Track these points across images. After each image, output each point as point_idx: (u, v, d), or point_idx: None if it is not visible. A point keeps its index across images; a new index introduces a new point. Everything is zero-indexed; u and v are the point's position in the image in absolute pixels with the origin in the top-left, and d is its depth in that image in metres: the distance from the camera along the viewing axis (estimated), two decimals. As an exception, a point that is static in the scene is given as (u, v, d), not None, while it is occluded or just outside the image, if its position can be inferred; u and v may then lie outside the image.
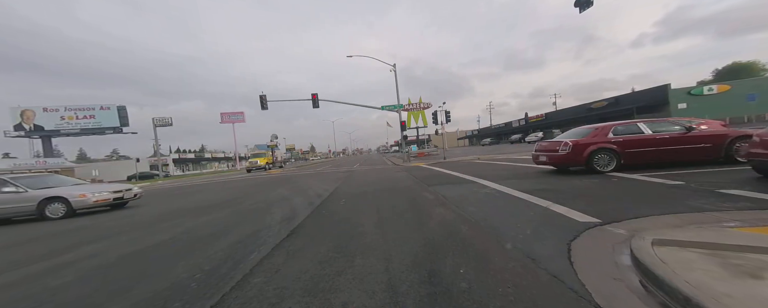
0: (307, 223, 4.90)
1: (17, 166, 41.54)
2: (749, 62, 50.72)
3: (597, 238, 3.08)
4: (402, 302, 2.12)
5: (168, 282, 2.88)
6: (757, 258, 2.12)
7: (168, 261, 3.60)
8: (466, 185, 7.46)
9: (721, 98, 29.24)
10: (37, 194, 7.63)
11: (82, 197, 7.63)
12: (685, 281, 1.86)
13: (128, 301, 2.54)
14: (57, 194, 7.66)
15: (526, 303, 1.99)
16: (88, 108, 46.99)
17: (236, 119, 57.96)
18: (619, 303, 1.93)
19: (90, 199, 7.74)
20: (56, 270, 3.63)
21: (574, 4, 12.63)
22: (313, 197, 7.90)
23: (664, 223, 3.32)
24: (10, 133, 43.57)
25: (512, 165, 11.51)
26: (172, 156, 68.58)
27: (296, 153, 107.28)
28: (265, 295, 2.41)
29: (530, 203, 4.82)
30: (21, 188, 7.75)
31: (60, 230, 6.39)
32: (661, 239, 2.53)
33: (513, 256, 2.78)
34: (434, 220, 4.33)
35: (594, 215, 3.77)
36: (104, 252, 4.27)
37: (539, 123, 47.63)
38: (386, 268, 2.73)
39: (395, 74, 24.30)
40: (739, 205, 3.71)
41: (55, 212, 7.56)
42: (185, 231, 5.20)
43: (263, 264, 3.13)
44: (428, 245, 3.27)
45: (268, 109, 23.22)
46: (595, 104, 37.57)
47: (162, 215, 7.10)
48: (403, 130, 24.70)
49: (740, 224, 3.02)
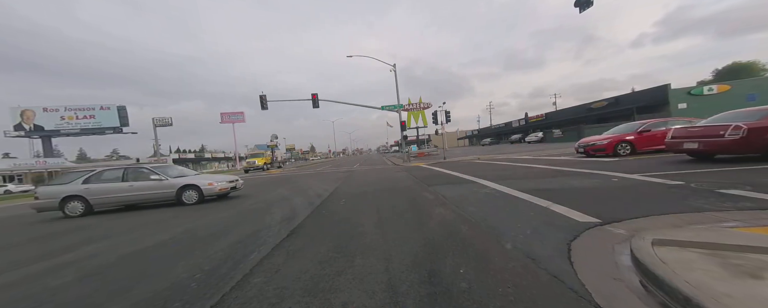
0: (307, 223, 4.90)
1: (17, 166, 41.54)
2: (749, 62, 50.67)
3: (597, 238, 3.07)
4: (402, 302, 2.12)
5: (168, 282, 2.88)
6: (757, 258, 2.12)
7: (168, 260, 3.60)
8: (466, 185, 7.46)
9: (721, 98, 29.21)
10: (175, 182, 8.41)
11: (210, 185, 8.38)
12: (685, 281, 1.86)
13: (128, 301, 2.54)
14: (191, 182, 8.41)
15: (526, 303, 1.99)
16: (88, 108, 46.99)
17: (236, 119, 57.96)
18: (619, 303, 1.93)
19: (216, 187, 8.46)
20: (56, 270, 3.63)
21: (574, 4, 12.63)
22: (313, 197, 7.90)
23: (664, 223, 3.32)
24: (10, 133, 43.55)
25: (512, 165, 11.51)
26: (172, 156, 68.59)
27: (296, 153, 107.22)
28: (265, 295, 2.41)
29: (530, 203, 4.82)
30: (163, 176, 8.53)
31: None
32: (661, 239, 2.53)
33: (513, 256, 2.78)
34: (434, 220, 4.33)
35: (594, 215, 3.77)
36: (104, 252, 4.27)
37: (539, 123, 47.60)
38: (386, 268, 2.73)
39: (395, 74, 24.30)
40: (739, 205, 3.71)
41: (189, 198, 8.32)
42: (186, 230, 5.20)
43: (263, 264, 3.13)
44: (428, 245, 3.27)
45: (268, 109, 23.23)
46: (595, 104, 37.53)
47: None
48: (403, 130, 24.71)
49: (740, 224, 3.02)
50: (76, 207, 8.18)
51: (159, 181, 8.45)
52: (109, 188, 8.38)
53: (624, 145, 10.97)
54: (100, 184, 8.43)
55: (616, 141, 11.07)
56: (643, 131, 10.92)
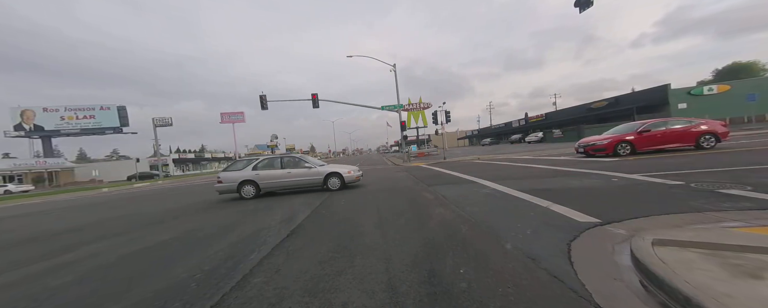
0: (307, 223, 4.90)
1: (17, 166, 41.52)
2: (749, 62, 50.67)
3: (597, 238, 3.07)
4: (402, 302, 2.12)
5: (168, 282, 2.88)
6: (757, 258, 2.12)
7: (168, 260, 3.60)
8: (466, 185, 7.46)
9: (721, 98, 29.22)
10: (322, 170, 9.03)
11: (349, 173, 9.03)
12: (685, 281, 1.86)
13: (128, 301, 2.54)
14: (335, 170, 9.04)
15: (526, 303, 1.98)
16: (88, 108, 47.00)
17: (236, 119, 57.96)
18: (619, 303, 1.93)
19: (353, 176, 9.11)
20: (56, 270, 3.63)
21: (574, 4, 12.61)
22: (313, 197, 7.90)
23: (664, 223, 3.32)
24: (10, 133, 43.56)
25: (512, 165, 11.51)
26: (172, 156, 68.46)
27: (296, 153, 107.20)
28: (265, 295, 2.41)
29: (530, 203, 4.82)
30: (311, 164, 9.21)
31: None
32: (661, 239, 2.53)
33: (513, 256, 2.78)
34: (434, 220, 4.33)
35: (594, 215, 3.77)
36: (104, 252, 4.27)
37: (539, 123, 47.57)
38: (386, 268, 2.73)
39: (395, 74, 24.30)
40: (739, 205, 3.71)
41: (334, 184, 8.91)
42: (186, 230, 5.20)
43: (263, 264, 3.13)
44: (428, 245, 3.27)
45: (268, 109, 23.20)
46: (595, 104, 37.52)
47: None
48: (403, 130, 24.69)
49: (740, 224, 3.02)
50: (249, 191, 8.82)
51: (309, 169, 9.06)
52: (273, 174, 9.04)
53: (624, 145, 10.98)
54: (265, 171, 9.10)
55: (616, 141, 11.08)
56: (643, 131, 10.92)
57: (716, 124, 10.64)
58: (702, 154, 9.25)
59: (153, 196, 13.57)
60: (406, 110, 25.92)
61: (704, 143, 10.33)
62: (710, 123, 10.65)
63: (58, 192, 26.81)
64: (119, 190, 22.16)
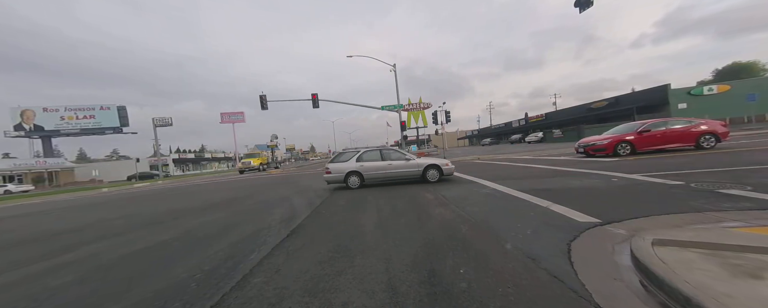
0: (307, 223, 4.90)
1: (17, 166, 41.52)
2: (749, 62, 50.67)
3: (597, 238, 3.08)
4: (402, 302, 2.12)
5: (168, 282, 2.88)
6: (757, 258, 2.12)
7: (168, 260, 3.60)
8: (466, 185, 7.46)
9: (721, 98, 29.22)
10: (421, 162, 9.12)
11: (447, 165, 9.01)
12: (685, 281, 1.86)
13: (128, 301, 2.54)
14: (434, 162, 9.10)
15: (526, 303, 1.99)
16: (88, 108, 47.00)
17: (236, 119, 57.93)
18: (619, 303, 1.93)
19: (451, 168, 9.09)
20: (56, 269, 3.63)
21: (574, 4, 12.61)
22: (313, 197, 7.90)
23: (664, 223, 3.32)
24: (10, 133, 43.55)
25: (512, 165, 11.51)
26: (172, 156, 68.45)
27: (296, 153, 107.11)
28: (265, 295, 2.41)
29: (530, 203, 4.82)
30: (410, 157, 9.34)
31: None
32: (661, 239, 2.53)
33: (513, 256, 2.78)
34: (434, 220, 4.33)
35: (594, 215, 3.77)
36: (104, 252, 4.27)
37: (539, 123, 47.57)
38: (386, 268, 2.73)
39: (395, 74, 24.31)
40: (739, 205, 3.71)
41: (433, 177, 8.87)
42: (186, 230, 5.20)
43: (263, 264, 3.13)
44: (428, 245, 3.27)
45: (268, 109, 23.21)
46: (595, 104, 37.52)
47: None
48: (403, 130, 24.69)
49: (740, 224, 3.03)
50: (355, 181, 9.06)
51: (408, 161, 9.14)
52: (375, 165, 9.19)
53: (624, 145, 10.98)
54: (369, 162, 9.27)
55: (616, 141, 11.08)
56: (643, 131, 10.93)
57: (716, 124, 10.65)
58: (702, 154, 9.25)
59: (153, 196, 13.56)
60: (406, 110, 25.92)
61: (704, 143, 10.34)
62: (710, 123, 10.66)
63: (58, 192, 26.82)
64: (119, 190, 22.16)
